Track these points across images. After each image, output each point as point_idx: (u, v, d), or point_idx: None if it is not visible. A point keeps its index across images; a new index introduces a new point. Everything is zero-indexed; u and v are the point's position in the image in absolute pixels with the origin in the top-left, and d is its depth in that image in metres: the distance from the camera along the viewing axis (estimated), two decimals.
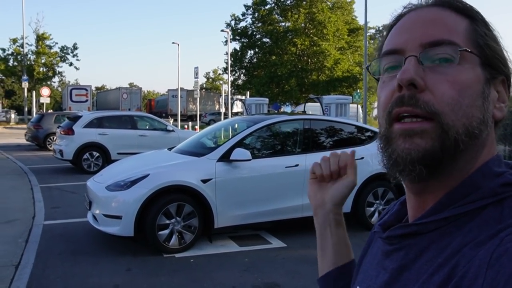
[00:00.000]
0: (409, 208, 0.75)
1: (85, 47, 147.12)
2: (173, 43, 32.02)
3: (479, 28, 0.69)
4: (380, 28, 73.00)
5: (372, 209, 6.88)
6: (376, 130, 7.58)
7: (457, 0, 0.71)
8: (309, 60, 39.14)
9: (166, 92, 53.74)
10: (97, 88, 73.80)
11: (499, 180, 0.66)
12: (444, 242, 0.65)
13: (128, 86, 67.88)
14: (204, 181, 5.88)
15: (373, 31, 56.22)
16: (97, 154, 12.99)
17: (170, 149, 7.29)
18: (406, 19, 0.73)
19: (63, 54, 45.52)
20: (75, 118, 13.38)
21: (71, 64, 46.43)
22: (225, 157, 6.05)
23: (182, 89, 38.66)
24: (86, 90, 40.00)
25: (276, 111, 25.70)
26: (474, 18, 0.70)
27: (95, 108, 45.57)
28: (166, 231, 5.72)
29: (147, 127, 14.19)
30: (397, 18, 0.75)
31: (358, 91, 29.79)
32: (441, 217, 0.66)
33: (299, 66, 38.53)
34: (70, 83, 54.32)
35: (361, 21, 40.73)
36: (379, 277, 0.74)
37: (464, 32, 0.68)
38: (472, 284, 0.57)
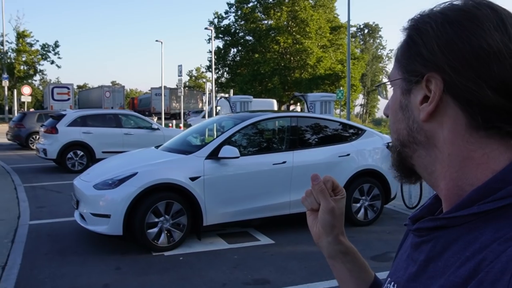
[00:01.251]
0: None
1: (67, 45, 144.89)
2: (156, 41, 31.84)
3: (405, 44, 0.74)
4: (361, 26, 73.49)
5: (358, 205, 6.97)
6: (361, 127, 7.68)
7: (411, 19, 0.74)
8: (291, 58, 39.24)
9: (149, 90, 53.37)
10: (79, 87, 72.81)
11: None
12: (473, 236, 0.65)
13: (111, 84, 67.23)
14: (193, 179, 5.89)
15: (354, 29, 56.57)
16: (82, 153, 12.86)
17: (157, 147, 7.28)
18: None
19: (44, 52, 44.81)
20: (58, 117, 13.23)
21: (52, 62, 45.76)
22: (214, 155, 6.06)
23: (165, 87, 38.43)
24: (68, 88, 39.48)
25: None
26: (410, 30, 0.73)
27: (77, 107, 45.04)
28: (155, 230, 5.72)
29: (132, 125, 14.11)
30: None
31: (341, 88, 29.98)
32: (470, 212, 0.66)
33: (282, 64, 38.57)
34: (52, 82, 53.51)
35: (342, 19, 41.00)
36: (408, 269, 0.75)
37: (397, 57, 0.77)
38: (498, 280, 0.57)
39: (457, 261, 0.65)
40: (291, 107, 39.27)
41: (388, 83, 0.80)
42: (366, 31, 74.75)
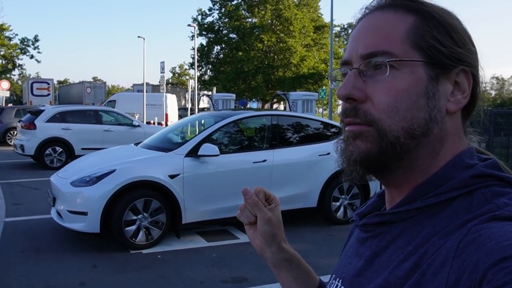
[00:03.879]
0: (386, 201, 0.78)
1: (47, 39, 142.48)
2: (138, 37, 31.53)
3: (424, 27, 0.69)
4: (345, 26, 73.99)
5: (338, 203, 7.00)
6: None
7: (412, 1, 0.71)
8: (275, 56, 39.21)
9: (131, 86, 52.86)
10: (59, 82, 71.82)
11: (470, 171, 0.67)
12: (415, 231, 0.67)
13: (92, 80, 66.46)
14: (172, 177, 5.85)
15: (338, 29, 56.85)
16: (60, 150, 12.70)
17: (136, 144, 7.21)
18: (356, 27, 0.75)
19: (23, 46, 43.98)
20: (37, 112, 13.02)
21: (32, 57, 44.93)
22: (193, 152, 6.03)
23: (147, 84, 38.12)
24: (48, 83, 38.82)
25: (242, 107, 25.75)
26: (422, 14, 0.70)
27: (57, 103, 44.40)
28: (133, 227, 5.67)
29: (112, 122, 13.97)
30: (357, 22, 0.77)
31: (324, 87, 30.09)
32: (414, 207, 0.69)
33: (266, 63, 38.52)
34: (31, 76, 52.65)
35: (326, 19, 41.15)
36: (353, 264, 0.77)
37: (403, 35, 0.69)
38: (439, 272, 0.59)
39: (400, 255, 0.67)
40: (275, 106, 39.31)
41: (395, 61, 0.69)
42: (349, 31, 74.91)
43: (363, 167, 0.71)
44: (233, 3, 39.26)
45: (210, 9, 40.11)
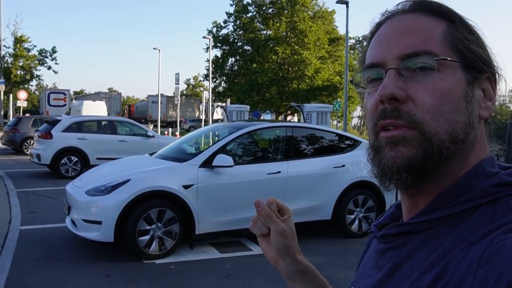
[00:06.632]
0: (404, 210, 0.76)
1: (64, 50, 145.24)
2: (154, 48, 31.93)
3: (457, 31, 0.69)
4: (360, 39, 73.98)
5: (353, 216, 6.93)
6: (357, 138, 7.67)
7: (433, 3, 0.71)
8: (290, 68, 39.30)
9: (146, 98, 53.41)
10: (75, 93, 72.84)
11: (492, 180, 0.66)
12: (437, 242, 0.65)
13: (108, 91, 67.29)
14: (186, 187, 5.85)
15: (353, 41, 56.83)
16: (76, 159, 12.81)
17: (151, 154, 7.25)
18: (383, 29, 0.74)
19: (41, 58, 44.76)
20: (53, 122, 13.19)
21: (49, 68, 45.68)
22: (207, 163, 6.03)
23: (162, 95, 38.44)
24: (64, 94, 39.41)
25: (256, 119, 25.77)
26: (452, 20, 0.70)
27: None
28: (147, 237, 5.67)
29: (127, 132, 14.07)
30: (376, 27, 0.76)
31: (338, 100, 30.04)
32: (434, 217, 0.67)
33: (280, 74, 38.64)
34: (48, 87, 53.41)
35: (341, 31, 41.15)
36: (372, 276, 0.75)
37: (441, 37, 0.68)
38: (462, 283, 0.58)
39: (422, 267, 0.65)
40: (288, 118, 39.31)
41: (438, 60, 0.68)
42: (365, 43, 75.05)
43: (409, 174, 0.67)
44: (248, 15, 39.54)
45: (225, 22, 40.44)
